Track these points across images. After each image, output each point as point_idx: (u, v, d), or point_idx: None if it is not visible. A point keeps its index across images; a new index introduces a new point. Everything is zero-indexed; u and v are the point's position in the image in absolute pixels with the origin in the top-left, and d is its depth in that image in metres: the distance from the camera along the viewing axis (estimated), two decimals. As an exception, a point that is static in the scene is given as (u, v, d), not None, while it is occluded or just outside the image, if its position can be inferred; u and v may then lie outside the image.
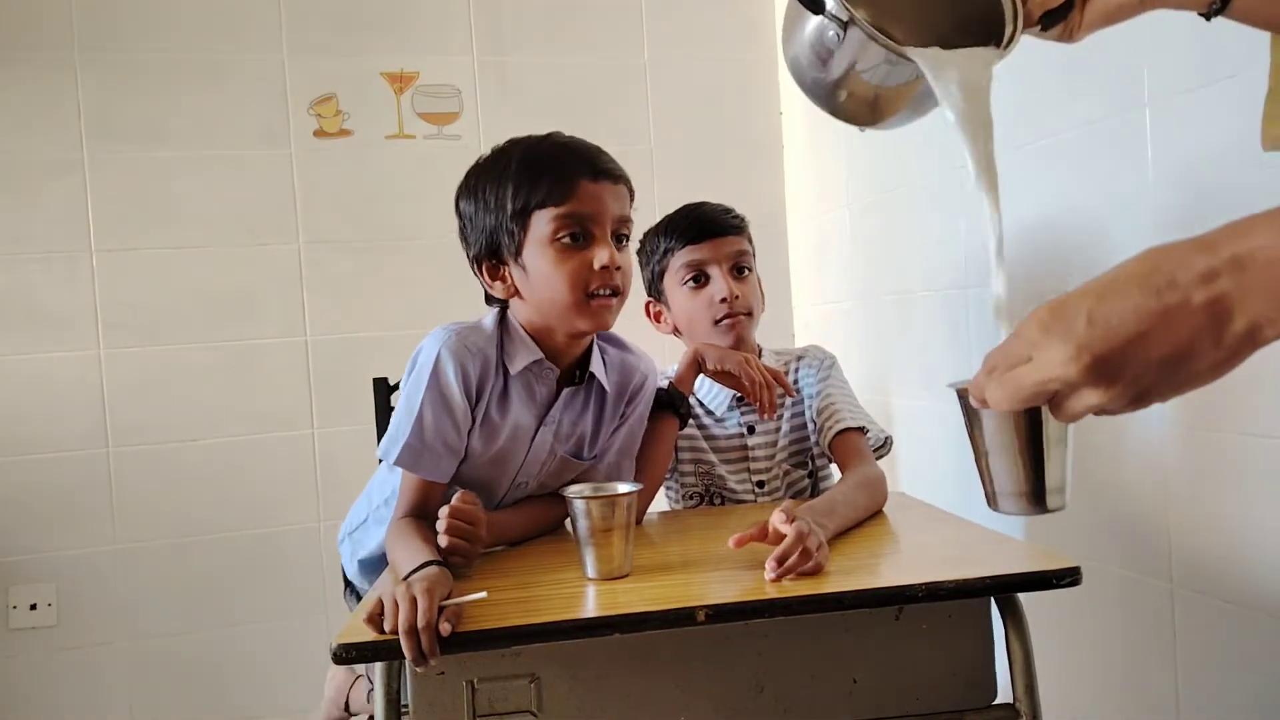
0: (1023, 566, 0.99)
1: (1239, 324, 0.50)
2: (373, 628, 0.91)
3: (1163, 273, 0.51)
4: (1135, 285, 0.52)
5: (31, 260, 2.14)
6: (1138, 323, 0.51)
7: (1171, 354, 0.51)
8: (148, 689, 2.20)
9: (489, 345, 1.21)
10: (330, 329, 2.30)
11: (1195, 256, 0.51)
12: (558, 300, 1.19)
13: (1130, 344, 0.51)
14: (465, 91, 2.36)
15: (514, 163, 1.19)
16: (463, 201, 1.25)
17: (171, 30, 2.21)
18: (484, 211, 1.21)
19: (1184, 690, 1.36)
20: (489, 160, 1.24)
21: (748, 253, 1.52)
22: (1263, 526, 1.21)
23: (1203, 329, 0.51)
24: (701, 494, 1.52)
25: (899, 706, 1.00)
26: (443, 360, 1.18)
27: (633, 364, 1.34)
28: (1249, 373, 1.20)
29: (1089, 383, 0.53)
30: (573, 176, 1.17)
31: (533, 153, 1.20)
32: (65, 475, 2.15)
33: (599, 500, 1.04)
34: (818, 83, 0.87)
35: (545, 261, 1.17)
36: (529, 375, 1.23)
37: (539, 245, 1.18)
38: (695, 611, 0.92)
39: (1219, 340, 0.51)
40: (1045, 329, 0.54)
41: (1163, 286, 0.51)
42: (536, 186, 1.17)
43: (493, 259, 1.22)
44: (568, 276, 1.17)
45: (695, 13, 2.51)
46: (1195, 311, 0.50)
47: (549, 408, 1.26)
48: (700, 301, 1.48)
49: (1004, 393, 0.57)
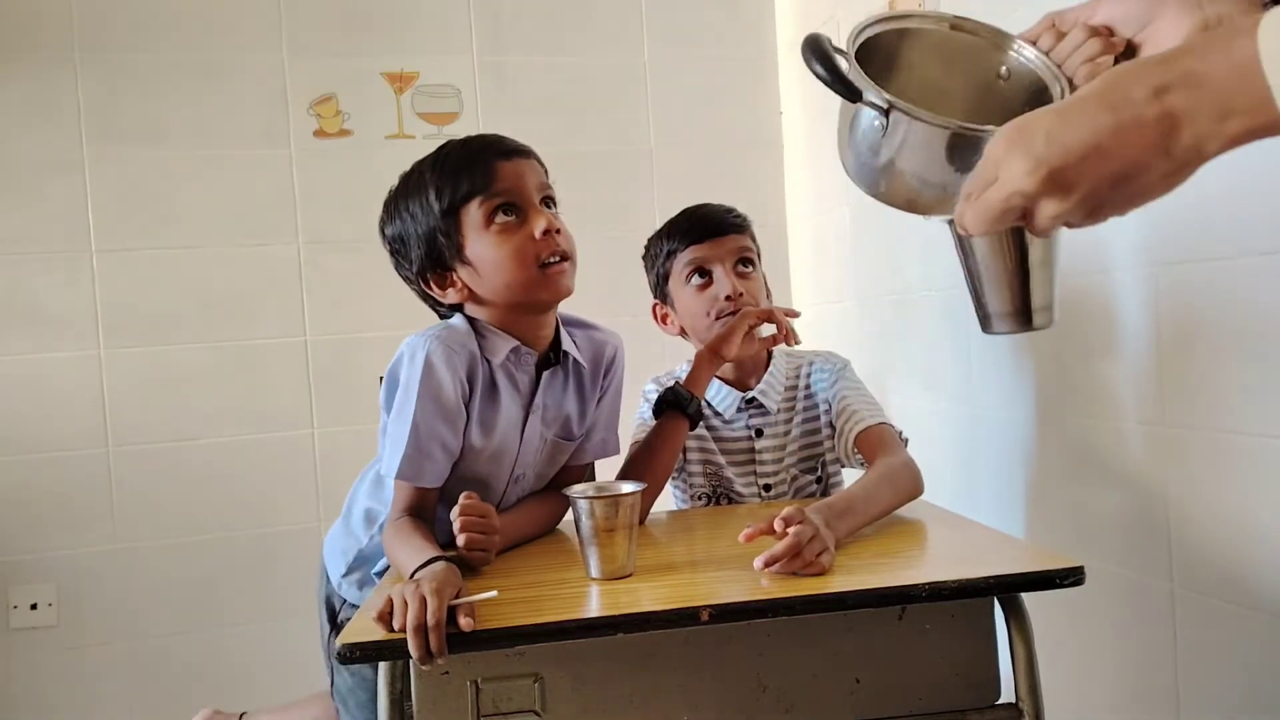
0: (1026, 566, 1.00)
1: (1186, 137, 0.53)
2: (382, 626, 0.91)
3: (1119, 89, 0.55)
4: (1093, 102, 0.56)
5: (31, 260, 2.14)
6: (1093, 136, 0.55)
7: (1124, 166, 0.55)
8: (148, 689, 2.20)
9: (469, 340, 1.22)
10: (330, 329, 2.30)
11: (1150, 72, 0.54)
12: (513, 281, 1.20)
13: (1085, 158, 0.56)
14: (465, 91, 2.36)
15: (426, 172, 1.22)
16: (388, 229, 1.27)
17: (171, 30, 2.21)
18: (412, 225, 1.23)
19: (1184, 690, 1.36)
20: (400, 185, 1.27)
21: (751, 250, 1.52)
22: (1263, 526, 1.21)
23: (1153, 142, 0.54)
24: (710, 495, 1.52)
25: (902, 706, 1.01)
26: (432, 363, 1.17)
27: (601, 339, 1.36)
28: (1249, 373, 1.21)
29: (1047, 193, 0.58)
30: (486, 161, 1.20)
31: (441, 158, 1.23)
32: (65, 475, 2.15)
33: (602, 500, 1.04)
34: (872, 174, 0.86)
35: (488, 247, 1.19)
36: (509, 365, 1.24)
37: (477, 234, 1.20)
38: (698, 611, 0.92)
39: (1168, 152, 0.54)
40: (1009, 147, 0.59)
41: (1118, 102, 0.54)
42: (457, 182, 1.20)
43: (437, 268, 1.23)
44: (514, 253, 1.19)
45: (695, 13, 2.51)
46: (1146, 125, 0.54)
47: (533, 395, 1.27)
48: (705, 299, 1.49)
49: (976, 214, 0.62)
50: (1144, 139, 0.54)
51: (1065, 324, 1.53)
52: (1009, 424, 1.69)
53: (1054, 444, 1.59)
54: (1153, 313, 1.36)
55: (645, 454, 1.39)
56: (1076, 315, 1.51)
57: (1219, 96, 0.51)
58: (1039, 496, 1.65)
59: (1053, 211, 0.59)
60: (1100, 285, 1.45)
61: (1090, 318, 1.48)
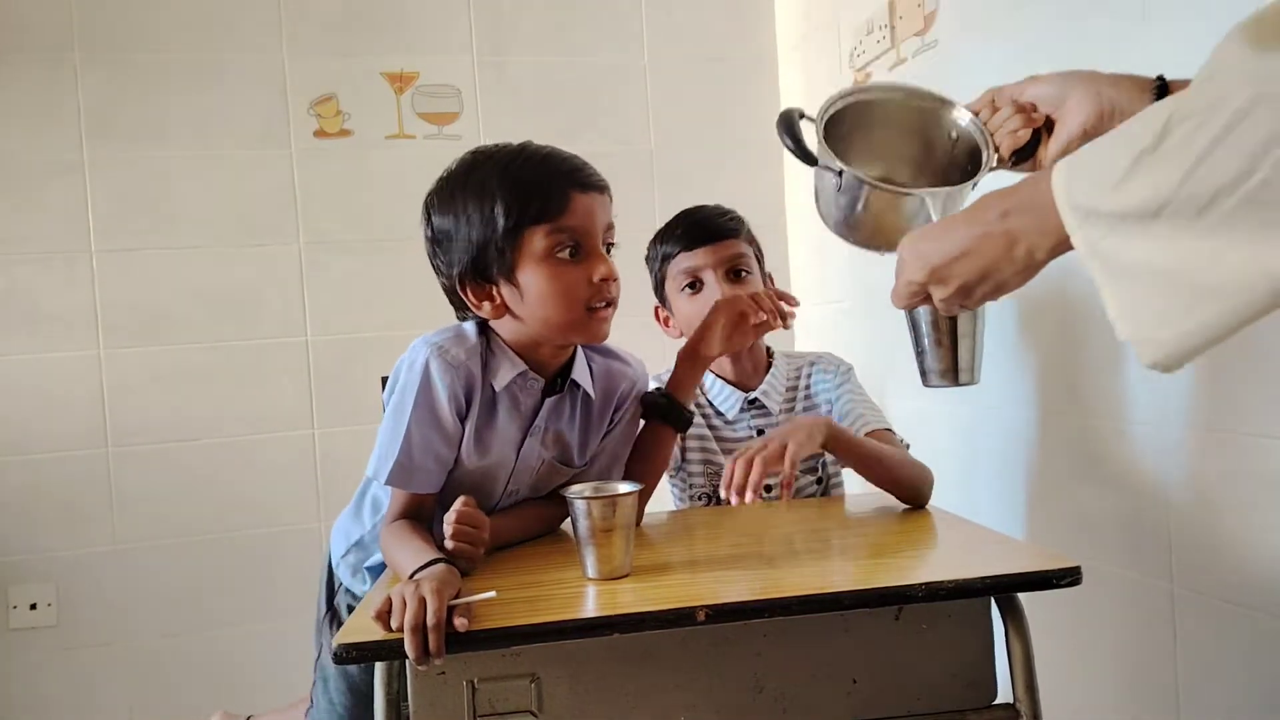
0: (1023, 566, 0.99)
1: (1021, 249, 0.73)
2: (381, 625, 0.91)
3: (980, 211, 0.76)
4: (962, 219, 0.77)
5: (31, 260, 2.15)
6: (961, 245, 0.77)
7: (983, 267, 0.76)
8: (148, 689, 2.20)
9: (472, 358, 1.18)
10: (330, 329, 2.30)
11: (1002, 199, 0.75)
12: (555, 318, 1.16)
13: (956, 260, 0.77)
14: (465, 91, 2.36)
15: (495, 179, 1.14)
16: (436, 218, 1.19)
17: (171, 30, 2.21)
18: (466, 228, 1.15)
19: (1184, 690, 1.36)
20: (461, 174, 1.18)
21: (744, 255, 1.50)
22: (1263, 526, 1.21)
23: (1001, 251, 0.74)
24: (709, 494, 1.52)
25: (899, 706, 1.00)
26: (431, 377, 1.15)
27: (619, 371, 1.31)
28: (1249, 373, 1.21)
29: (932, 283, 0.81)
30: (564, 190, 1.14)
31: (515, 168, 1.15)
32: (65, 475, 2.15)
33: (599, 500, 1.04)
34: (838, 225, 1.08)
35: (541, 278, 1.14)
36: (513, 387, 1.21)
37: (534, 261, 1.14)
38: (695, 611, 0.92)
39: (1012, 258, 0.74)
40: (909, 251, 0.83)
41: (977, 220, 0.75)
42: (527, 203, 1.12)
43: (480, 278, 1.16)
44: (567, 292, 1.14)
45: (695, 13, 2.51)
46: (996, 238, 0.74)
47: (534, 417, 1.23)
48: (697, 307, 1.48)
49: (894, 296, 0.88)
50: (995, 248, 0.74)
51: (1065, 324, 1.53)
52: (1009, 424, 1.69)
53: (1054, 444, 1.59)
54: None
55: (635, 457, 1.38)
56: (1076, 316, 1.51)
57: (1039, 220, 0.70)
58: (1039, 497, 1.65)
59: (939, 296, 0.81)
60: (1099, 285, 1.45)
61: (1090, 319, 1.47)
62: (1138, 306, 0.63)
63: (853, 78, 2.16)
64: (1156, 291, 0.62)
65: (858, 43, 2.12)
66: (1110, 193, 0.62)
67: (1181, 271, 0.60)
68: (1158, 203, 0.59)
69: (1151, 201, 0.60)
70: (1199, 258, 0.59)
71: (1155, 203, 0.59)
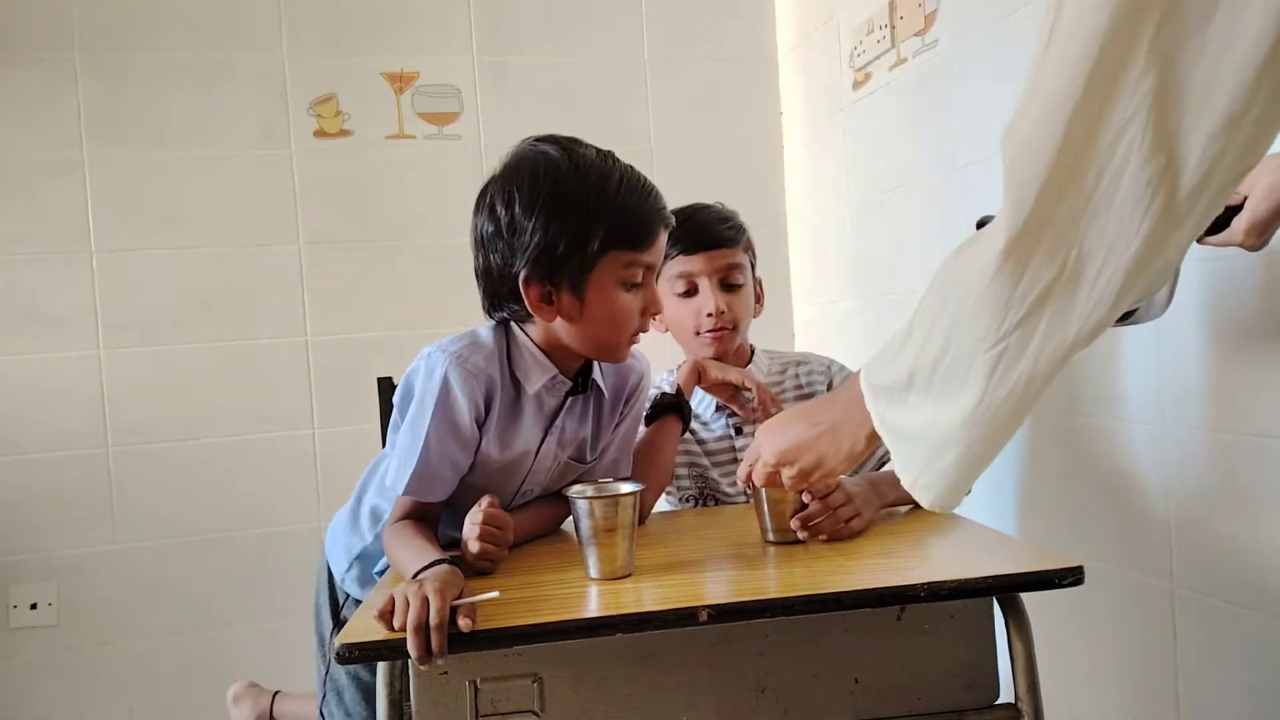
0: (1025, 566, 1.00)
1: (845, 442, 0.92)
2: (383, 624, 0.91)
3: (815, 408, 0.97)
4: (803, 416, 0.98)
5: (31, 260, 2.14)
6: (799, 438, 0.96)
7: (817, 456, 0.95)
8: (148, 689, 2.20)
9: (491, 364, 1.18)
10: (330, 329, 2.30)
11: (833, 397, 0.98)
12: (604, 338, 1.19)
13: (796, 448, 0.96)
14: (465, 91, 2.36)
15: (593, 196, 1.13)
16: (519, 210, 1.14)
17: (171, 30, 2.21)
18: (550, 231, 1.12)
19: (1184, 690, 1.36)
20: (553, 177, 1.14)
21: (740, 266, 1.51)
22: (1263, 526, 1.21)
23: (828, 445, 0.93)
24: (696, 497, 1.53)
25: (900, 706, 1.01)
26: (450, 387, 1.15)
27: (628, 365, 1.33)
28: (1249, 372, 1.21)
29: (780, 464, 0.99)
30: (655, 225, 1.17)
31: (625, 192, 1.15)
32: (65, 475, 2.15)
33: (602, 500, 1.04)
34: None
35: (605, 301, 1.16)
36: (543, 391, 1.22)
37: (606, 281, 1.15)
38: (697, 611, 0.92)
39: (839, 451, 0.93)
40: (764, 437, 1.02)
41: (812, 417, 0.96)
42: (625, 227, 1.14)
43: (546, 280, 1.14)
44: (621, 317, 1.17)
45: (695, 13, 2.51)
46: (822, 436, 0.94)
47: (554, 417, 1.25)
48: (687, 311, 1.49)
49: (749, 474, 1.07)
50: (825, 444, 0.94)
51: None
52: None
53: (1054, 444, 1.59)
54: (1152, 313, 1.36)
55: (646, 454, 1.39)
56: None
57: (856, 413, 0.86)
58: (1039, 496, 1.65)
59: (785, 475, 0.99)
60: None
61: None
62: (910, 461, 0.80)
63: (852, 78, 2.16)
64: (918, 447, 0.79)
65: (858, 42, 2.13)
66: (885, 372, 0.80)
67: (925, 429, 0.77)
68: (907, 378, 0.77)
69: (904, 377, 0.77)
70: (929, 418, 0.76)
71: (906, 378, 0.77)
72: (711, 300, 1.47)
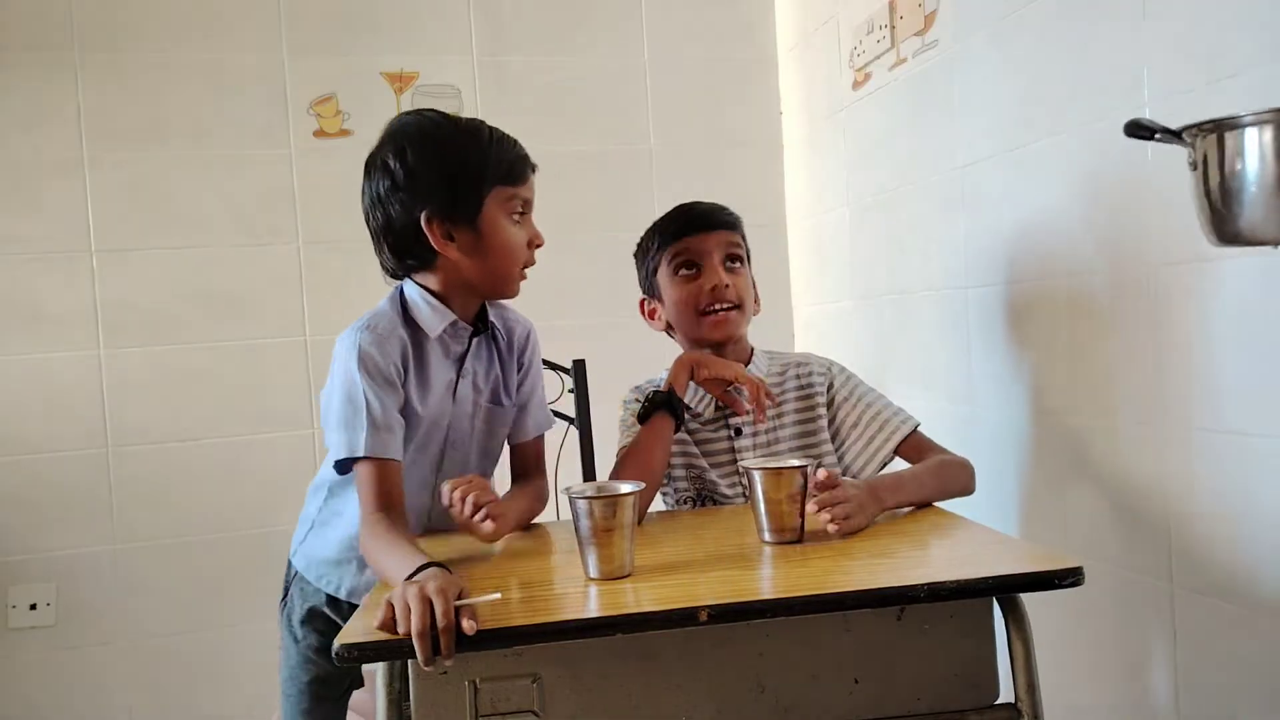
0: (1025, 567, 0.99)
1: None
2: (387, 634, 0.90)
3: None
4: None
5: (31, 260, 2.14)
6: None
7: None
8: (148, 689, 2.20)
9: (395, 326, 1.28)
10: (330, 329, 2.28)
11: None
12: (499, 268, 1.29)
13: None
14: (465, 91, 2.36)
15: (476, 141, 1.27)
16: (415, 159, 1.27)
17: (171, 30, 2.21)
18: (450, 174, 1.26)
19: (1184, 690, 1.36)
20: (448, 129, 1.28)
21: (740, 247, 1.53)
22: (1263, 526, 1.21)
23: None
24: (694, 498, 1.52)
25: (900, 707, 1.00)
26: (369, 353, 1.23)
27: (513, 317, 1.43)
28: (1248, 373, 1.21)
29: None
30: (529, 171, 1.32)
31: (498, 137, 1.30)
32: (65, 475, 2.15)
33: (601, 500, 1.04)
34: None
35: (498, 232, 1.27)
36: (445, 336, 1.31)
37: (496, 217, 1.27)
38: (697, 611, 0.92)
39: None
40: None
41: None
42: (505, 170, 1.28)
43: (445, 220, 1.26)
44: (518, 248, 1.30)
45: (695, 13, 2.51)
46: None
47: (463, 360, 1.34)
48: (690, 290, 1.49)
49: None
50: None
51: (1065, 325, 1.53)
52: (1008, 424, 1.69)
53: (1053, 443, 1.59)
54: (1151, 313, 1.36)
55: (638, 453, 1.39)
56: (1076, 316, 1.51)
57: None
58: (1038, 496, 1.65)
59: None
60: (1099, 286, 1.45)
61: (1089, 318, 1.48)
62: None
63: (852, 77, 2.16)
64: None
65: (858, 42, 2.13)
66: None
67: None
68: None
69: None
70: None
71: None
72: (715, 275, 1.48)
